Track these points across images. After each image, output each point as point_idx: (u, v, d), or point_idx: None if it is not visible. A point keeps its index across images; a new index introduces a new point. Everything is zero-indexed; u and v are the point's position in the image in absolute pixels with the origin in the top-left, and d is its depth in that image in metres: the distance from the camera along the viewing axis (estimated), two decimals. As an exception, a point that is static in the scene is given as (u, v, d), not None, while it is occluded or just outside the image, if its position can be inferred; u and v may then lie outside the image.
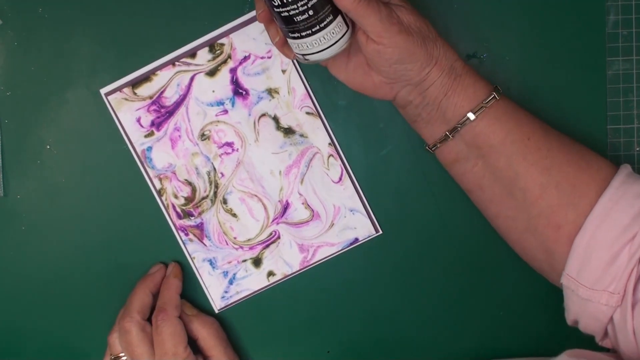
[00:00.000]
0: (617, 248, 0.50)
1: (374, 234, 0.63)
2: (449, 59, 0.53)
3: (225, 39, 0.60)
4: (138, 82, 0.61)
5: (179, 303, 0.60)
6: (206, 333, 0.60)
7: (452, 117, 0.54)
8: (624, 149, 0.62)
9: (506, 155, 0.53)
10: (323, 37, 0.50)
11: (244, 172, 0.62)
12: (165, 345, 0.57)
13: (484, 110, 0.53)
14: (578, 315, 0.53)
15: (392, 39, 0.50)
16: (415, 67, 0.52)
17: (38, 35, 0.60)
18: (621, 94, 0.62)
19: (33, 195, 0.62)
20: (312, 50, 0.51)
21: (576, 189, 0.53)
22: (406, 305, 0.64)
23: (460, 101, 0.53)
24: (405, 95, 0.54)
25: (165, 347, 0.57)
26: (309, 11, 0.49)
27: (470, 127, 0.54)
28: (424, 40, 0.51)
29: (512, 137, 0.53)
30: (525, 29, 0.61)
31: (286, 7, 0.49)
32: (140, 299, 0.59)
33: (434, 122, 0.55)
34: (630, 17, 0.61)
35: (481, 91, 0.54)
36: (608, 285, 0.50)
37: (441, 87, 0.53)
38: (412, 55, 0.51)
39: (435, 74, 0.52)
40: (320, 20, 0.50)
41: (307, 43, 0.51)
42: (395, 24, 0.50)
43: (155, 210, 0.62)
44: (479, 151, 0.54)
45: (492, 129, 0.53)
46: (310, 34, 0.50)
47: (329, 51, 0.51)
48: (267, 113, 0.61)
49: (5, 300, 0.63)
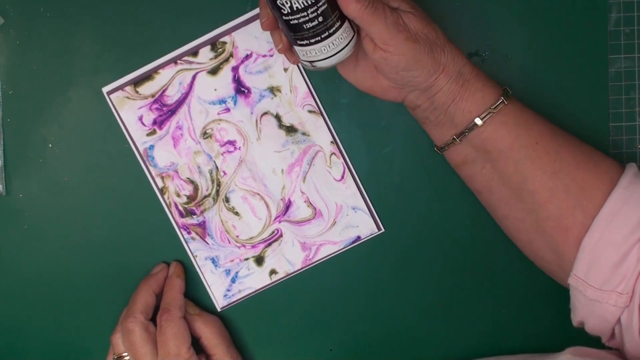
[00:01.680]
0: (625, 248, 0.50)
1: (376, 232, 0.63)
2: (456, 64, 0.52)
3: (227, 38, 0.60)
4: (140, 81, 0.61)
5: (183, 303, 0.60)
6: (209, 332, 0.60)
7: (460, 122, 0.54)
8: (626, 146, 0.62)
9: (514, 159, 0.53)
10: (331, 44, 0.50)
11: (246, 171, 0.62)
12: (169, 345, 0.57)
13: (491, 116, 0.53)
14: (585, 317, 0.53)
15: (398, 47, 0.50)
16: (422, 74, 0.52)
17: (40, 33, 0.60)
18: (623, 91, 0.62)
19: (35, 193, 0.62)
20: (319, 57, 0.51)
21: (584, 191, 0.52)
22: (408, 303, 0.64)
23: (468, 106, 0.53)
24: (414, 99, 0.55)
25: (168, 347, 0.57)
26: (318, 18, 0.49)
27: (478, 132, 0.53)
28: (432, 47, 0.51)
29: (520, 141, 0.53)
30: (528, 27, 0.61)
31: (296, 15, 0.49)
32: (143, 299, 0.59)
33: (443, 125, 0.55)
34: (633, 14, 0.61)
35: (490, 96, 0.53)
36: (617, 285, 0.50)
37: (449, 93, 0.53)
38: (418, 63, 0.51)
39: (443, 81, 0.52)
40: (329, 27, 0.50)
41: (315, 50, 0.51)
42: (402, 31, 0.50)
43: (157, 208, 0.62)
44: (487, 155, 0.54)
45: (500, 134, 0.53)
46: (319, 41, 0.50)
47: (336, 57, 0.51)
48: (269, 111, 0.61)
49: (7, 299, 0.63)
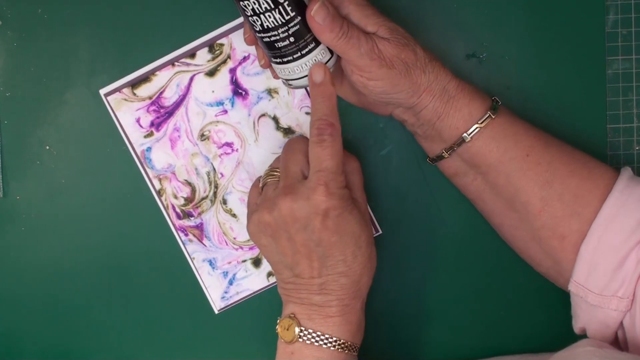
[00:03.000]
0: (624, 252, 0.50)
1: (373, 234, 0.63)
2: (440, 82, 0.52)
3: (224, 39, 0.60)
4: (137, 83, 0.61)
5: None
6: (352, 168, 0.55)
7: (448, 137, 0.54)
8: (624, 148, 0.62)
9: (505, 172, 0.53)
10: (305, 64, 0.51)
11: (243, 173, 0.62)
12: (330, 162, 0.50)
13: (479, 130, 0.53)
14: (587, 323, 0.53)
15: (373, 73, 0.50)
16: (401, 95, 0.52)
17: (37, 35, 0.60)
18: (621, 93, 0.62)
19: (33, 196, 0.62)
20: (293, 76, 0.52)
21: (579, 199, 0.52)
22: (405, 305, 0.64)
23: (454, 123, 0.53)
24: (400, 115, 0.55)
25: (329, 164, 0.50)
26: (289, 38, 0.49)
27: (467, 146, 0.53)
28: (408, 70, 0.51)
29: (510, 154, 0.53)
30: (525, 28, 0.61)
31: (267, 33, 0.49)
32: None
33: (432, 139, 0.55)
34: (630, 16, 0.61)
35: (477, 111, 0.53)
36: (617, 290, 0.50)
37: (433, 111, 0.53)
38: (396, 87, 0.51)
39: (426, 99, 0.52)
40: (302, 48, 0.50)
41: (288, 69, 0.51)
42: (375, 59, 0.50)
43: (154, 210, 0.62)
44: (477, 168, 0.54)
45: (489, 149, 0.53)
46: (292, 60, 0.51)
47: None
48: (266, 113, 0.61)
49: (5, 301, 0.63)
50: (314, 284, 0.51)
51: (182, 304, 0.63)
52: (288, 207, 0.50)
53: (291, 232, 0.50)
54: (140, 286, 0.63)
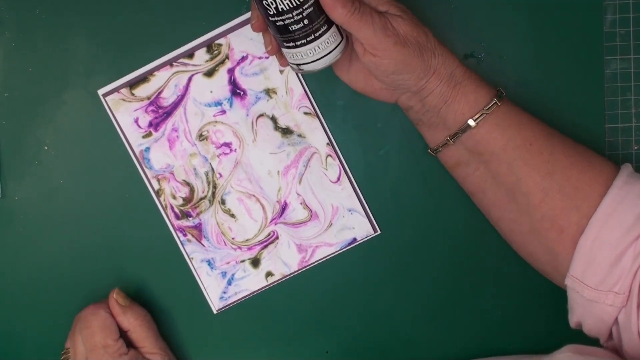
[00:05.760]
0: (621, 248, 0.50)
1: (372, 234, 0.63)
2: (448, 67, 0.52)
3: (222, 40, 0.60)
4: (136, 83, 0.61)
5: (106, 300, 0.60)
6: (138, 324, 0.60)
7: (453, 123, 0.54)
8: (622, 147, 0.62)
9: (508, 160, 0.53)
10: (317, 47, 0.51)
11: (242, 173, 0.62)
12: (95, 338, 0.57)
13: (484, 117, 0.53)
14: (582, 317, 0.53)
15: (386, 51, 0.50)
16: (412, 77, 0.52)
17: (35, 36, 0.60)
18: (619, 92, 0.62)
19: (31, 196, 0.62)
20: (306, 60, 0.51)
21: (579, 192, 0.52)
22: (404, 305, 0.64)
23: (460, 108, 0.53)
24: (406, 101, 0.55)
25: (95, 339, 0.57)
26: (304, 20, 0.49)
27: (471, 133, 0.53)
28: (421, 50, 0.51)
29: (514, 142, 0.53)
30: (523, 28, 0.61)
31: (281, 16, 0.49)
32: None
33: (436, 127, 0.55)
34: (628, 15, 0.61)
35: (482, 98, 0.53)
36: (613, 285, 0.50)
37: (440, 96, 0.53)
38: (408, 66, 0.51)
39: (434, 83, 0.52)
40: (315, 30, 0.50)
41: (301, 52, 0.51)
42: (390, 35, 0.50)
43: (153, 211, 0.62)
44: (480, 157, 0.54)
45: (493, 136, 0.53)
46: (305, 44, 0.50)
47: (323, 61, 0.51)
48: (265, 113, 0.61)
49: (4, 301, 0.63)
50: None
51: (180, 304, 0.63)
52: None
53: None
54: (139, 286, 0.63)
